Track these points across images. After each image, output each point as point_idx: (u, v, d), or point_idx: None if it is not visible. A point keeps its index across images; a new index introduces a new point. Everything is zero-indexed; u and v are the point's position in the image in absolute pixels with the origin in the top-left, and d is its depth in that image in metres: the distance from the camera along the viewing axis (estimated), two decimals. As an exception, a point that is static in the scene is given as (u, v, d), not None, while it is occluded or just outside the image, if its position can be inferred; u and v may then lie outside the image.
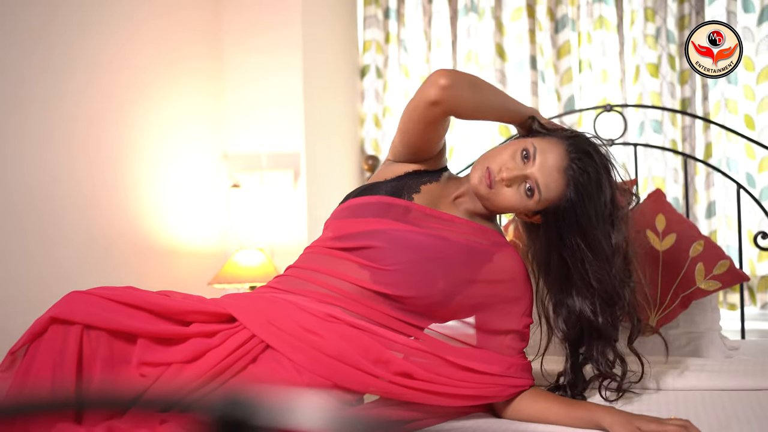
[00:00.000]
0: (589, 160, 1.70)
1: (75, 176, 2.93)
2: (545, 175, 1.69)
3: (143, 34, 3.30)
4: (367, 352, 1.60)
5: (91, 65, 3.02)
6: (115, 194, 3.11)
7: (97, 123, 3.05)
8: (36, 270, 2.73)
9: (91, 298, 1.56)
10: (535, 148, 1.70)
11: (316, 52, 3.72)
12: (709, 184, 3.42)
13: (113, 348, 1.54)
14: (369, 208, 1.77)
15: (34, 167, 2.76)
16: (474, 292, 1.75)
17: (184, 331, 1.58)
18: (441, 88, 1.67)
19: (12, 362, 1.55)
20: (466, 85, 1.70)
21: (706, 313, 2.42)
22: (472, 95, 1.72)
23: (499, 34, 3.78)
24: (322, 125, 3.73)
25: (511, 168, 1.70)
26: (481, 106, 1.76)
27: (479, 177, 1.73)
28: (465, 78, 1.72)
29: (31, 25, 2.77)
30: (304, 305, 1.64)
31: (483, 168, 1.73)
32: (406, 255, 1.70)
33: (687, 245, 2.42)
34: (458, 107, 1.72)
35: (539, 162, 1.70)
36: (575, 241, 1.73)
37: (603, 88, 3.61)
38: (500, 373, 1.72)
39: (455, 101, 1.69)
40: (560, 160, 1.70)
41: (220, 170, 3.65)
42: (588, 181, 1.69)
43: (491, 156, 1.76)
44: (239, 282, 3.19)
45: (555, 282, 1.82)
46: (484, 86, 1.77)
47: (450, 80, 1.67)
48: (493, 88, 1.80)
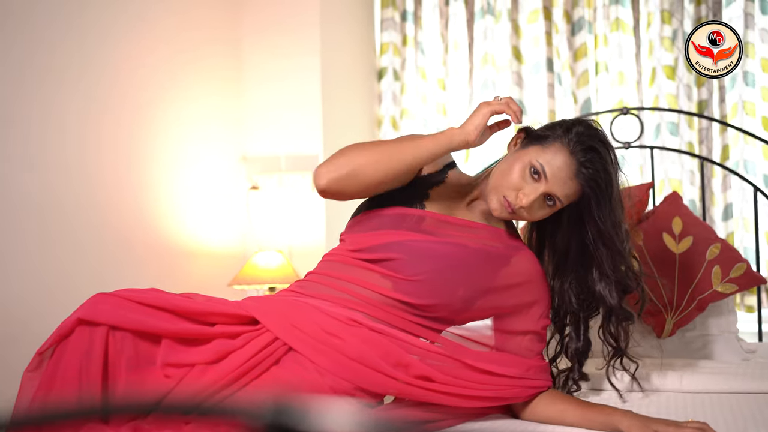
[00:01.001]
0: (594, 155, 1.72)
1: (95, 178, 2.97)
2: (560, 186, 1.72)
3: (160, 33, 3.33)
4: (387, 355, 1.62)
5: (110, 66, 3.06)
6: (134, 196, 3.15)
7: (116, 124, 3.08)
8: (57, 272, 2.77)
9: (116, 300, 1.60)
10: (542, 164, 1.71)
11: (334, 55, 3.74)
12: (726, 186, 3.42)
13: (138, 348, 1.57)
14: (383, 221, 1.78)
15: (54, 169, 2.80)
16: (493, 297, 1.77)
17: (208, 331, 1.61)
18: (322, 192, 1.71)
19: (39, 363, 1.59)
20: (344, 175, 1.69)
21: (722, 315, 2.43)
22: (357, 181, 1.71)
23: (515, 36, 3.79)
24: (341, 127, 3.75)
25: (528, 193, 1.71)
26: (377, 178, 1.72)
27: (500, 206, 1.74)
28: (340, 167, 1.69)
29: (51, 28, 2.81)
30: (326, 309, 1.67)
31: (499, 196, 1.74)
32: (427, 265, 1.72)
33: (704, 248, 2.43)
34: (353, 194, 1.74)
35: (550, 175, 1.71)
36: (593, 229, 1.77)
37: (619, 90, 3.61)
38: (519, 375, 1.74)
39: (344, 193, 1.72)
40: (569, 167, 1.72)
41: (239, 172, 3.69)
42: (599, 176, 1.72)
43: (501, 181, 1.74)
44: (258, 283, 3.22)
45: (573, 265, 1.85)
46: (367, 151, 1.73)
47: (323, 182, 1.69)
48: (380, 146, 1.75)
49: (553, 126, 1.81)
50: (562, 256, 1.86)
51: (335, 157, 1.71)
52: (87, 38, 2.95)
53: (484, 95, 3.77)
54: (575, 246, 1.82)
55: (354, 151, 1.72)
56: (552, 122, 1.86)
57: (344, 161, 1.69)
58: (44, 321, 1.90)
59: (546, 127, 1.82)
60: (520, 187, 1.72)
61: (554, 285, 1.87)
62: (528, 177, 1.72)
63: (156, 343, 1.59)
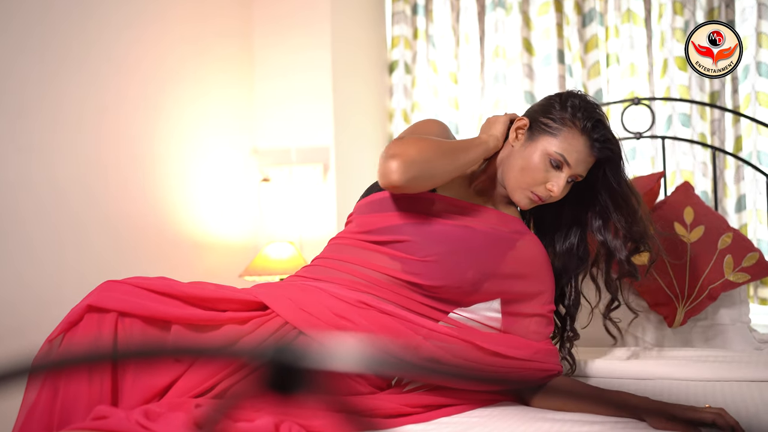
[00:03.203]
0: (601, 125, 1.79)
1: (107, 170, 2.98)
2: (583, 166, 1.79)
3: (172, 27, 3.34)
4: (397, 337, 1.63)
5: (122, 59, 3.07)
6: (146, 188, 3.16)
7: (128, 117, 3.09)
8: (68, 263, 2.78)
9: (125, 287, 1.60)
10: (560, 153, 1.76)
11: (345, 48, 3.75)
12: (739, 177, 3.40)
13: (147, 335, 1.57)
14: (393, 203, 1.79)
15: (67, 161, 2.81)
16: (499, 282, 1.78)
17: (218, 317, 1.61)
18: (394, 188, 1.69)
19: (49, 350, 1.59)
20: (420, 175, 1.69)
21: (734, 305, 2.42)
22: (431, 181, 1.73)
23: (526, 28, 3.78)
24: (352, 120, 3.76)
25: (555, 183, 1.76)
26: (445, 179, 1.75)
27: (529, 202, 1.81)
28: (417, 166, 1.68)
29: (64, 20, 2.82)
30: (335, 292, 1.67)
31: (527, 193, 1.79)
32: (438, 247, 1.73)
33: (715, 237, 2.42)
34: (420, 190, 1.74)
35: (573, 161, 1.76)
36: (606, 194, 1.84)
37: (631, 81, 3.60)
38: (527, 357, 1.74)
39: (414, 189, 1.71)
40: (586, 146, 1.78)
41: (250, 164, 3.70)
42: (611, 143, 1.79)
43: (524, 178, 1.79)
44: (270, 274, 3.23)
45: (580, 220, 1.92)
46: (434, 152, 1.73)
47: (400, 179, 1.66)
48: (442, 148, 1.75)
49: (547, 107, 1.83)
50: (566, 225, 1.93)
51: (404, 151, 1.67)
52: (100, 31, 2.96)
53: (495, 88, 3.76)
54: (584, 213, 1.89)
55: (425, 149, 1.70)
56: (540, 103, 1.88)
57: (418, 159, 1.68)
58: (54, 310, 1.91)
59: (541, 111, 1.83)
60: (545, 180, 1.78)
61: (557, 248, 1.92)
62: (549, 167, 1.77)
63: (166, 329, 1.59)
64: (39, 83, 2.72)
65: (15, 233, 2.62)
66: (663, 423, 1.54)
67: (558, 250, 1.91)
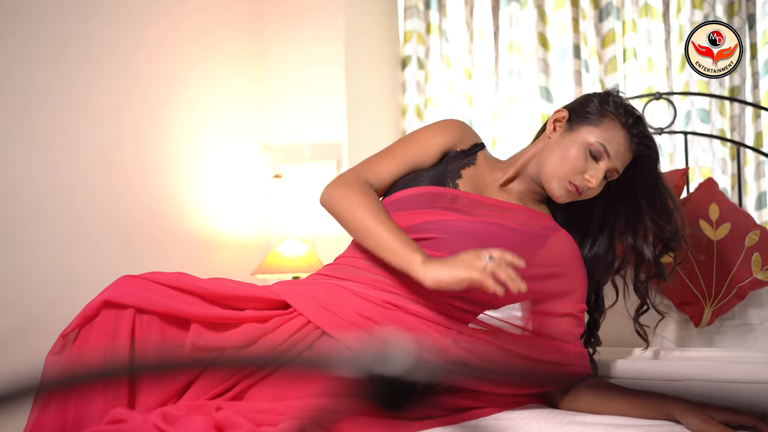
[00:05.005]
0: (639, 122, 1.76)
1: (117, 166, 2.93)
2: (621, 160, 1.74)
3: (183, 21, 3.30)
4: (423, 338, 1.57)
5: (133, 54, 3.02)
6: (157, 185, 3.11)
7: (139, 113, 3.05)
8: (74, 262, 2.73)
9: (143, 282, 1.55)
10: (601, 143, 1.70)
11: (357, 43, 3.69)
12: (760, 174, 3.34)
13: (166, 332, 1.52)
14: (417, 200, 1.73)
15: (73, 158, 2.77)
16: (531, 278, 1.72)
17: (238, 315, 1.55)
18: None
19: (63, 345, 1.53)
20: (332, 214, 1.75)
21: (763, 305, 2.36)
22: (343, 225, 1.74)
23: (541, 23, 3.72)
24: (365, 116, 3.70)
25: (594, 174, 1.71)
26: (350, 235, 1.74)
27: (566, 192, 1.73)
28: (334, 207, 1.74)
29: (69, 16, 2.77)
30: (359, 291, 1.61)
31: (564, 183, 1.72)
32: (467, 244, 1.66)
33: (742, 235, 2.36)
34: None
35: (613, 152, 1.71)
36: (642, 192, 1.80)
37: (648, 77, 3.53)
38: (558, 361, 1.68)
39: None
40: (626, 139, 1.73)
41: (261, 160, 3.64)
42: (649, 140, 1.77)
43: (562, 167, 1.72)
44: (282, 272, 3.18)
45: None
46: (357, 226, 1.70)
47: (323, 202, 1.76)
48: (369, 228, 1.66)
49: (586, 101, 1.79)
50: (598, 227, 1.87)
51: (340, 191, 1.73)
52: (107, 27, 2.92)
53: (510, 84, 3.70)
54: (615, 216, 1.84)
55: (348, 206, 1.71)
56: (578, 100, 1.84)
57: (339, 206, 1.72)
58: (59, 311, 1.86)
59: (582, 104, 1.78)
60: (584, 170, 1.71)
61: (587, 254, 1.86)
62: (588, 157, 1.71)
63: (184, 327, 1.54)
64: (44, 80, 2.67)
65: (29, 229, 2.57)
66: (700, 425, 1.48)
67: (585, 254, 1.84)
